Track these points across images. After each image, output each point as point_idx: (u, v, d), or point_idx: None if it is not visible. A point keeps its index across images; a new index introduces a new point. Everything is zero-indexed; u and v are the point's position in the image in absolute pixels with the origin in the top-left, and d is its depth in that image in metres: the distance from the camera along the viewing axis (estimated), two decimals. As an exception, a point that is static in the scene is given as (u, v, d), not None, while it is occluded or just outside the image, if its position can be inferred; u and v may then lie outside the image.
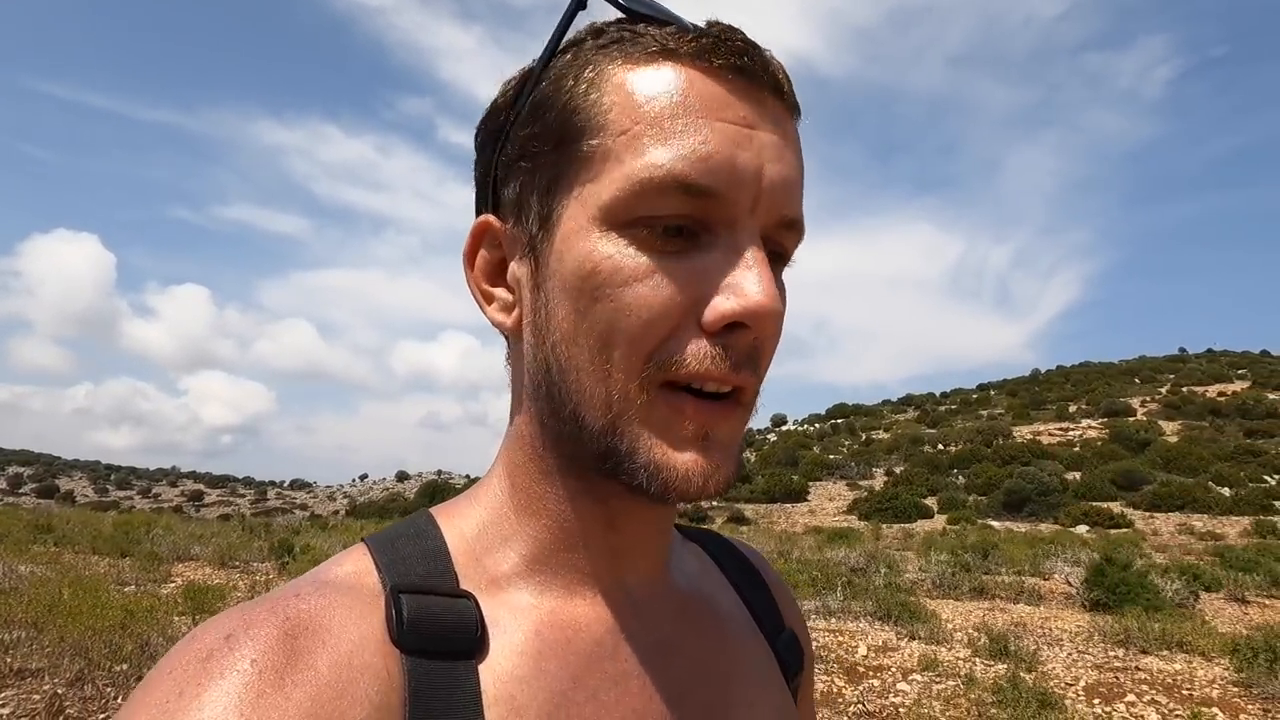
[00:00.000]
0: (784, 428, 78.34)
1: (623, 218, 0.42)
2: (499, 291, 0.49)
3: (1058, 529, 25.41)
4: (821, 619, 9.07)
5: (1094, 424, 53.32)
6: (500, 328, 0.50)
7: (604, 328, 0.42)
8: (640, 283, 0.42)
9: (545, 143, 0.45)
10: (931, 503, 32.99)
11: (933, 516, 30.54)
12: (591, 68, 0.44)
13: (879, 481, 41.66)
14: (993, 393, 79.87)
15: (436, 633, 0.42)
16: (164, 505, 69.81)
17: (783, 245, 0.46)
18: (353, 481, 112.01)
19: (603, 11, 0.46)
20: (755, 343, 0.43)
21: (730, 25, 0.44)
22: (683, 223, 0.42)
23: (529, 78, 0.47)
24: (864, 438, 61.70)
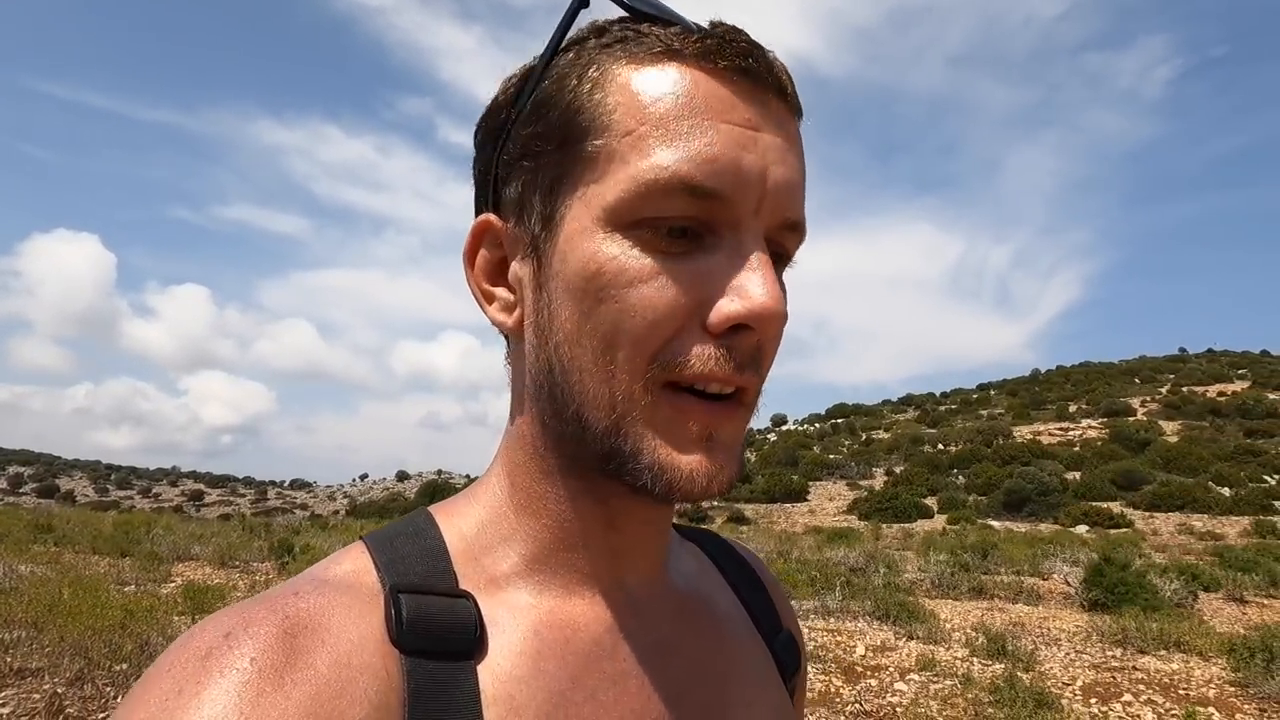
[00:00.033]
0: (784, 427, 78.36)
1: (627, 219, 0.42)
2: (500, 291, 0.49)
3: (1057, 529, 25.40)
4: (820, 619, 9.07)
5: (1094, 424, 53.31)
6: (501, 327, 0.50)
7: (608, 329, 0.42)
8: (645, 284, 0.41)
9: (548, 142, 0.45)
10: (931, 503, 32.97)
11: (933, 516, 30.52)
12: (595, 67, 0.44)
13: (879, 481, 41.67)
14: (993, 393, 79.91)
15: (435, 633, 0.42)
16: (164, 505, 69.87)
17: (784, 246, 0.46)
18: (353, 481, 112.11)
19: (605, 10, 0.46)
20: (759, 344, 0.43)
21: (734, 26, 0.44)
22: (687, 224, 0.42)
23: (530, 75, 0.46)
24: (864, 438, 61.70)
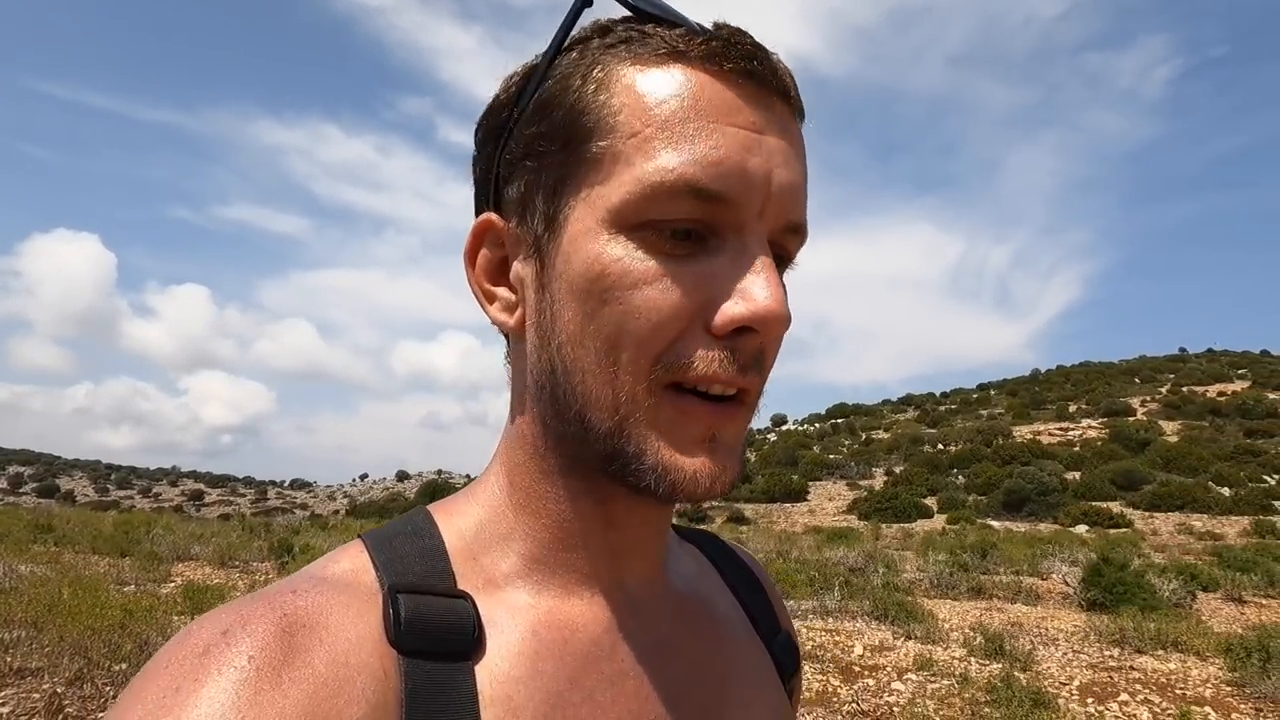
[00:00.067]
0: (784, 427, 78.31)
1: (632, 221, 0.42)
2: (501, 291, 0.49)
3: (1057, 529, 25.38)
4: (818, 619, 9.07)
5: (1094, 424, 53.26)
6: (502, 327, 0.50)
7: (612, 330, 0.42)
8: (649, 286, 0.41)
9: (552, 142, 0.44)
10: (931, 502, 32.95)
11: (932, 516, 30.51)
12: (600, 68, 0.44)
13: (879, 481, 41.63)
14: (993, 393, 79.81)
15: (433, 633, 0.42)
16: (164, 505, 69.80)
17: (787, 249, 0.46)
18: (353, 481, 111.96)
19: (606, 9, 0.45)
20: (761, 346, 0.43)
21: (739, 28, 0.44)
22: (692, 226, 0.42)
23: (533, 74, 0.46)
24: (864, 437, 61.62)
